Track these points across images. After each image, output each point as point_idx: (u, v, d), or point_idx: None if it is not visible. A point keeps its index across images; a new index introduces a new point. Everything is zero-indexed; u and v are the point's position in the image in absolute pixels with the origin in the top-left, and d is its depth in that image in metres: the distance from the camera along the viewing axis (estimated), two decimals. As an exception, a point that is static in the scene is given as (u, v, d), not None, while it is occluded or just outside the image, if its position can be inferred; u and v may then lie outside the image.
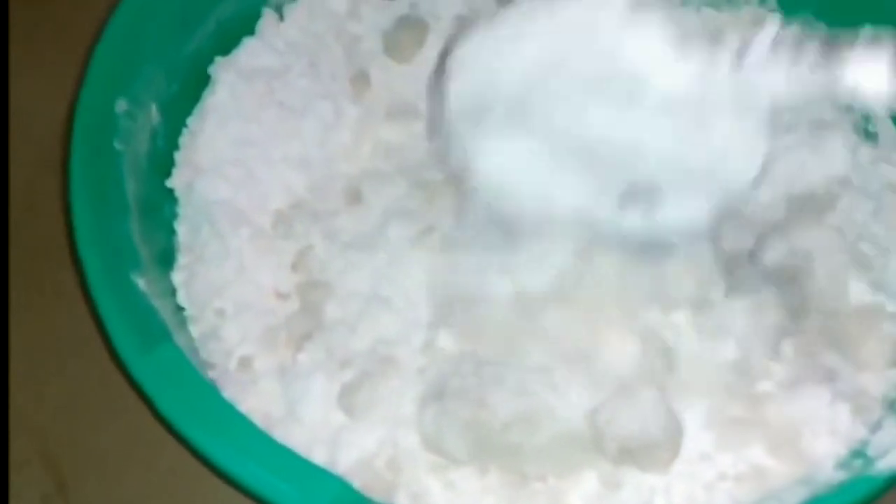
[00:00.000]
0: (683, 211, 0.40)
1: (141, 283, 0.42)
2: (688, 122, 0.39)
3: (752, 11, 0.53)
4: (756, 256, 0.46)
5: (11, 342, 0.48)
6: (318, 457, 0.41)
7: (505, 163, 0.40)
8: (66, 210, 0.42)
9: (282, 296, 0.46)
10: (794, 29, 0.38)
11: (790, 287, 0.45)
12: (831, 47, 0.37)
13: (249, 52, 0.52)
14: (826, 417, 0.42)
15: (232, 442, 0.38)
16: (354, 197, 0.48)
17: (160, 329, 0.41)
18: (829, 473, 0.40)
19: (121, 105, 0.45)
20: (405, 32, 0.52)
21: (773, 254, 0.46)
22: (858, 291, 0.46)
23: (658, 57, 0.40)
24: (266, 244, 0.47)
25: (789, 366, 0.44)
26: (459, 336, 0.43)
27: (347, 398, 0.42)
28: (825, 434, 0.42)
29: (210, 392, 0.40)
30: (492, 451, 0.41)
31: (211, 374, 0.43)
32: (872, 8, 0.47)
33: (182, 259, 0.47)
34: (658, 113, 0.39)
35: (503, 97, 0.40)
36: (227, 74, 0.51)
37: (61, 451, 0.48)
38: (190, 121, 0.50)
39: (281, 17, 0.53)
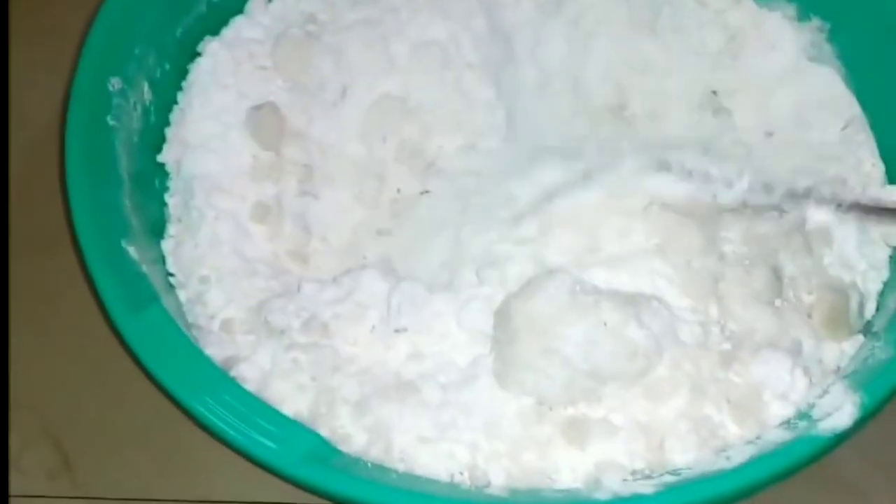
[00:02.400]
0: None
1: (131, 250, 0.46)
2: None
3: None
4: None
5: (11, 321, 0.52)
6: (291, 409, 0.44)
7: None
8: (63, 185, 0.45)
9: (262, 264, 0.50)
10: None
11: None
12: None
13: (236, 28, 0.55)
14: (784, 382, 0.45)
15: (215, 399, 0.42)
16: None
17: (148, 292, 0.45)
18: (775, 433, 0.44)
19: (114, 83, 0.49)
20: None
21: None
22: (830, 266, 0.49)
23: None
24: (246, 216, 0.50)
25: (765, 331, 0.47)
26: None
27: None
28: (779, 398, 0.45)
29: (194, 351, 0.43)
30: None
31: (195, 334, 0.46)
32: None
33: (171, 229, 0.51)
34: None
35: None
36: (212, 46, 0.54)
37: (64, 428, 0.51)
38: (179, 97, 0.53)
39: (269, -1, 0.56)
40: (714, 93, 0.57)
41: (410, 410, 0.44)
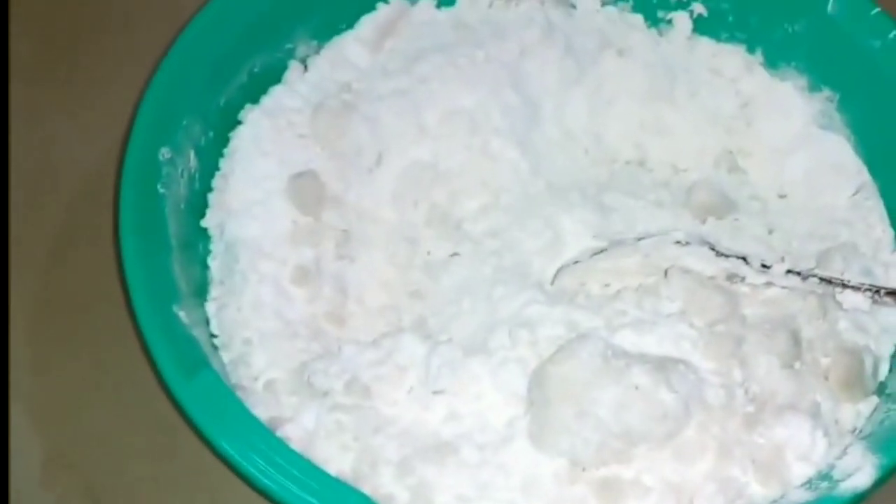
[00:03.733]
0: None
1: (182, 314, 0.48)
2: None
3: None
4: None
5: (55, 376, 0.54)
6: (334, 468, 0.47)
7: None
8: (117, 253, 0.47)
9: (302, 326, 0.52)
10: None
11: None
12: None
13: (275, 97, 0.58)
14: (805, 443, 0.48)
15: (265, 458, 0.44)
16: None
17: (199, 356, 0.47)
18: (798, 493, 0.46)
19: (164, 153, 0.51)
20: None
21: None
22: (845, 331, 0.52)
23: None
24: (286, 279, 0.53)
25: (786, 393, 0.49)
26: None
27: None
28: (801, 458, 0.48)
29: (244, 414, 0.45)
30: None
31: (241, 395, 0.48)
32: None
33: (214, 291, 0.53)
34: None
35: None
36: (253, 115, 0.56)
37: (106, 487, 0.52)
38: (221, 163, 0.55)
39: (305, 68, 0.59)
40: (730, 152, 0.60)
41: (450, 470, 0.47)
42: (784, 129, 0.60)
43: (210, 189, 0.55)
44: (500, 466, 0.47)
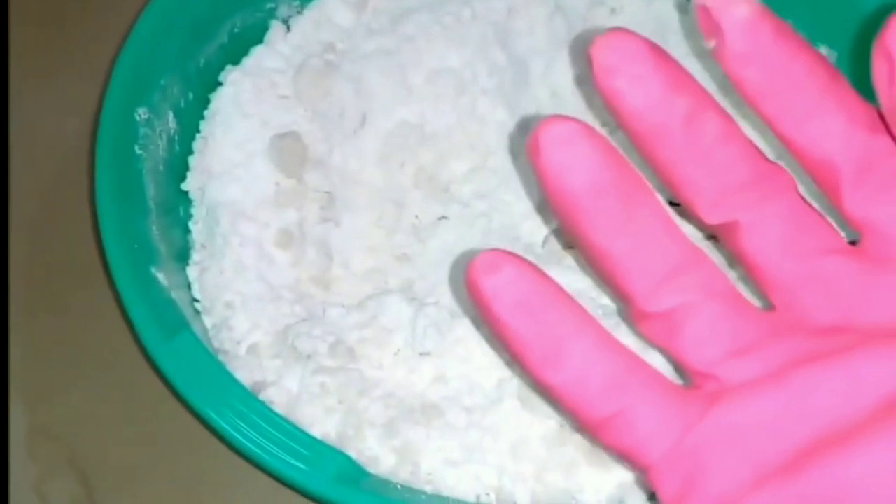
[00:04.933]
0: None
1: (160, 276, 0.47)
2: None
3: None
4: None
5: (32, 350, 0.53)
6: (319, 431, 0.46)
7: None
8: (93, 213, 0.47)
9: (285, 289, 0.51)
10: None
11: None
12: None
13: (256, 57, 0.57)
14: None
15: (246, 421, 0.43)
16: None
17: (178, 319, 0.47)
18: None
19: (141, 113, 0.50)
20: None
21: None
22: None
23: None
24: (270, 242, 0.52)
25: None
26: None
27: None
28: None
29: (225, 376, 0.45)
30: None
31: (223, 359, 0.48)
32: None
33: (196, 255, 0.52)
34: None
35: None
36: (233, 76, 0.55)
37: (89, 459, 0.52)
38: (202, 125, 0.55)
39: (288, 28, 0.58)
40: None
41: (437, 433, 0.46)
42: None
43: (191, 152, 0.54)
44: (487, 429, 0.46)
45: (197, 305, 0.51)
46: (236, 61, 0.56)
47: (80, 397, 0.53)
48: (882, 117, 0.39)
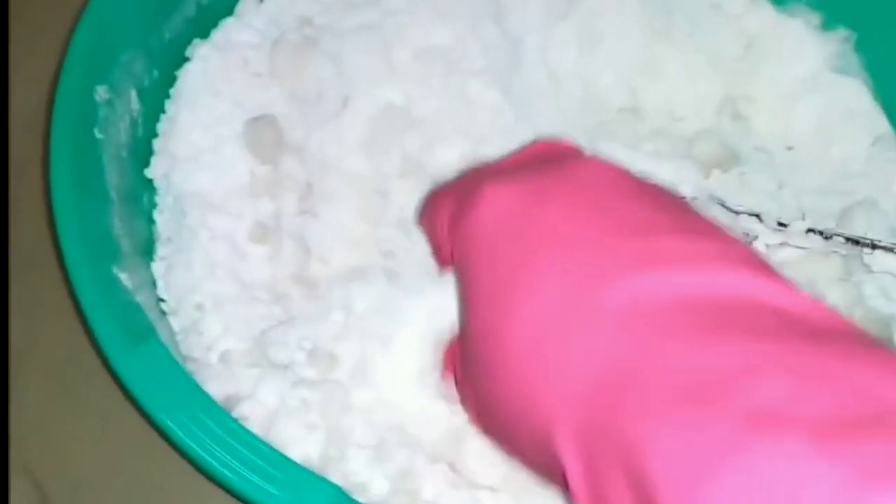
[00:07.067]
0: None
1: (123, 277, 0.43)
2: None
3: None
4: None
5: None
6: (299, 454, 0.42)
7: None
8: (48, 205, 0.43)
9: (261, 289, 0.47)
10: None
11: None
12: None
13: (226, 30, 0.53)
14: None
15: (224, 447, 0.39)
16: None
17: (143, 325, 0.42)
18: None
19: (101, 92, 0.46)
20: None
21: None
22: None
23: None
24: (244, 236, 0.48)
25: None
26: None
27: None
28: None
29: (196, 390, 0.41)
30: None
31: (192, 368, 0.44)
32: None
33: (161, 250, 0.48)
34: None
35: None
36: (202, 50, 0.52)
37: (44, 464, 0.48)
38: (167, 105, 0.51)
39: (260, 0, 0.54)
40: (732, 98, 0.56)
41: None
42: (793, 73, 0.56)
43: (155, 135, 0.50)
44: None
45: (163, 306, 0.47)
46: (205, 34, 0.52)
47: (34, 402, 0.49)
48: None
